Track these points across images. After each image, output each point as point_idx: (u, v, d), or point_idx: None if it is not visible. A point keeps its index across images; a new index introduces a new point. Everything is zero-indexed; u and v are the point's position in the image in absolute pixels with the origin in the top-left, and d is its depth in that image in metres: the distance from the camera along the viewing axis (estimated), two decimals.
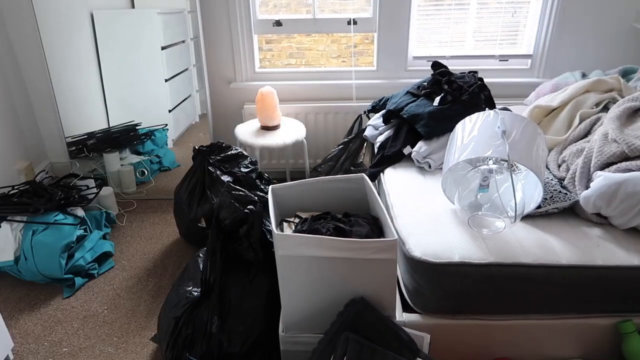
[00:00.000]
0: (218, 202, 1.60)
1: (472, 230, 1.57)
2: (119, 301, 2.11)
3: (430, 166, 1.97)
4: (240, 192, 1.62)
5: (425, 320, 1.55)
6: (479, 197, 1.65)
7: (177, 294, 1.73)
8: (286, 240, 1.38)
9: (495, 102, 2.16)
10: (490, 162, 1.62)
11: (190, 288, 1.72)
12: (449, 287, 1.48)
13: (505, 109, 2.05)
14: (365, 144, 2.41)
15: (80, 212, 2.40)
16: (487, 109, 2.00)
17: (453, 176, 1.72)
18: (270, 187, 1.66)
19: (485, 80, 2.17)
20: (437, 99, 2.05)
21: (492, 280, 1.46)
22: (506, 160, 1.50)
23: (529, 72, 2.84)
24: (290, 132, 2.57)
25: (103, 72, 3.08)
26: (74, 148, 3.00)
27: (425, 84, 2.21)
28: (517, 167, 1.65)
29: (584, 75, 2.36)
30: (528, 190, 1.61)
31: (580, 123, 1.91)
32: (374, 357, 1.28)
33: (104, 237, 2.44)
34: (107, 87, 3.11)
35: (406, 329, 1.40)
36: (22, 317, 2.03)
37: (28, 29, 2.69)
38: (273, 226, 1.44)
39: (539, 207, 1.60)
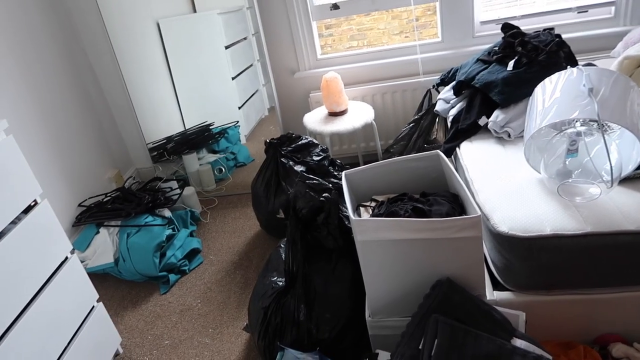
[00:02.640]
0: (293, 193, 1.61)
1: (563, 199, 1.46)
2: (210, 294, 2.21)
3: (509, 135, 1.85)
4: (315, 181, 1.62)
5: (518, 298, 1.48)
6: (567, 163, 1.53)
7: (263, 284, 1.78)
8: (364, 225, 1.36)
9: (577, 58, 1.99)
10: (578, 124, 1.50)
11: (275, 278, 1.76)
12: (541, 261, 1.39)
13: (589, 64, 1.88)
14: (437, 120, 2.32)
15: (167, 212, 2.54)
16: (568, 67, 1.84)
17: (536, 143, 1.61)
18: (344, 172, 1.64)
19: (564, 36, 2.00)
20: (511, 63, 1.92)
21: (589, 251, 1.36)
22: (596, 121, 1.37)
23: (613, 21, 2.58)
24: (359, 115, 2.53)
25: (174, 77, 3.21)
26: (155, 153, 3.17)
27: (496, 48, 2.08)
28: (609, 126, 1.51)
29: None
30: (624, 150, 1.46)
31: None
32: (467, 339, 1.24)
33: (190, 234, 2.56)
34: (179, 92, 3.24)
35: (499, 308, 1.34)
36: (126, 313, 2.19)
37: (102, 46, 2.87)
38: (350, 212, 1.42)
39: (638, 167, 1.46)
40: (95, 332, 1.79)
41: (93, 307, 1.82)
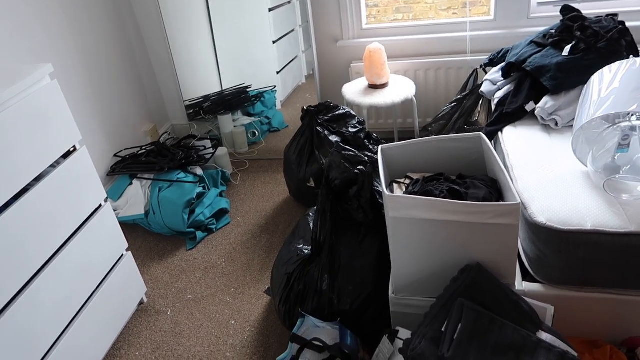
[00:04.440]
0: (328, 162, 1.59)
1: (608, 195, 1.40)
2: (235, 255, 2.24)
3: (557, 124, 1.78)
4: (350, 152, 1.59)
5: (549, 291, 1.44)
6: (616, 158, 1.46)
7: (288, 250, 1.79)
8: (397, 201, 1.34)
9: (639, 49, 1.88)
10: (634, 117, 1.41)
11: (301, 246, 1.76)
12: (577, 256, 1.35)
13: None
14: (481, 101, 2.24)
15: (199, 170, 2.56)
16: (631, 57, 1.74)
17: (586, 135, 1.53)
18: (380, 147, 1.61)
19: (628, 24, 1.88)
20: (567, 48, 1.82)
21: (630, 251, 1.30)
22: None
23: None
24: (399, 90, 2.47)
25: (215, 36, 3.19)
26: (191, 111, 3.19)
27: (553, 31, 1.98)
28: None
29: None
30: None
31: None
32: (492, 326, 1.22)
33: (220, 194, 2.59)
34: (219, 51, 3.23)
35: (527, 299, 1.31)
36: (152, 265, 2.25)
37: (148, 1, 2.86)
38: (383, 187, 1.40)
39: None
40: (122, 280, 1.84)
41: (122, 255, 1.87)
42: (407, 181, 1.63)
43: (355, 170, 1.56)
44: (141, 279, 1.98)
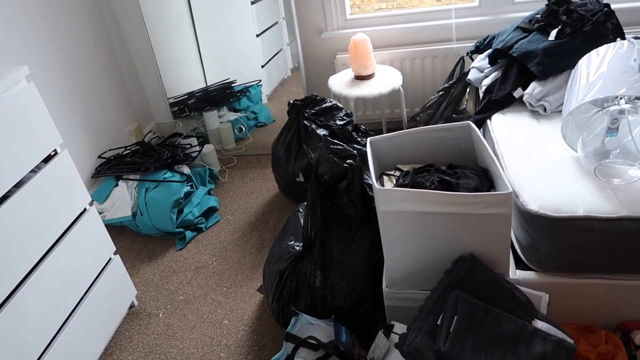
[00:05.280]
0: (316, 157, 1.57)
1: (599, 180, 1.39)
2: (226, 253, 2.21)
3: (545, 109, 1.76)
4: (339, 146, 1.57)
5: (542, 279, 1.43)
6: (606, 142, 1.45)
7: (280, 248, 1.76)
8: (388, 195, 1.32)
9: (624, 31, 1.86)
10: (622, 101, 1.40)
11: (292, 242, 1.74)
12: (570, 243, 1.34)
13: (638, 38, 1.76)
14: (468, 89, 2.22)
15: (185, 169, 2.52)
16: (617, 39, 1.73)
17: (575, 120, 1.52)
18: (369, 139, 1.59)
19: (613, 6, 1.87)
20: (554, 33, 1.81)
21: (622, 236, 1.30)
22: None
23: None
24: (386, 80, 2.44)
25: (197, 31, 3.14)
26: (176, 108, 3.13)
27: (539, 16, 1.96)
28: None
29: None
30: None
31: None
32: (487, 317, 1.21)
33: (208, 192, 2.55)
34: (202, 47, 3.17)
35: (521, 288, 1.30)
36: (142, 267, 2.21)
37: None
38: (373, 180, 1.38)
39: None
40: (111, 284, 1.81)
41: (110, 259, 1.83)
42: (397, 173, 1.61)
43: (345, 165, 1.53)
44: (131, 282, 1.95)
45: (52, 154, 1.58)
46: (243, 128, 3.14)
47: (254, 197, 2.58)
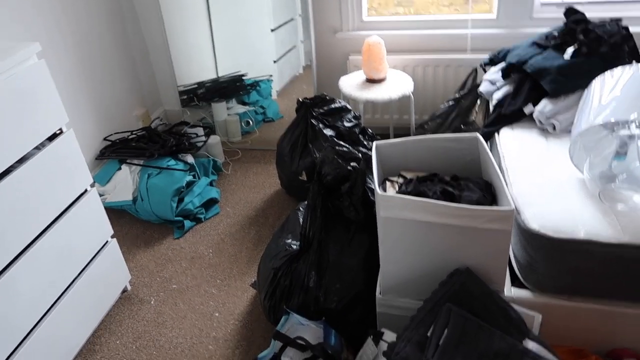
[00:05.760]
0: (321, 157, 1.56)
1: (603, 204, 1.37)
2: (223, 246, 2.21)
3: (554, 128, 1.75)
4: (344, 148, 1.56)
5: (537, 299, 1.42)
6: (613, 166, 1.43)
7: (276, 245, 1.76)
8: (389, 201, 1.31)
9: None
10: (633, 125, 1.39)
11: (290, 241, 1.73)
12: (568, 265, 1.33)
13: None
14: (478, 101, 2.21)
15: (189, 158, 2.51)
16: (634, 62, 1.71)
17: (583, 141, 1.51)
18: (375, 143, 1.58)
19: (632, 29, 1.85)
20: (569, 51, 1.79)
21: (622, 262, 1.28)
22: None
23: None
24: (397, 85, 2.43)
25: (213, 23, 3.13)
26: (185, 97, 3.13)
27: (556, 33, 1.94)
28: None
29: None
30: None
31: None
32: (479, 333, 1.20)
33: (210, 183, 2.55)
34: (216, 38, 3.17)
35: (515, 307, 1.28)
36: (138, 252, 2.21)
37: None
38: (375, 185, 1.37)
39: None
40: (106, 267, 1.81)
41: (107, 242, 1.83)
42: (400, 180, 1.60)
43: (349, 167, 1.52)
44: (125, 266, 1.95)
45: (58, 132, 1.58)
46: (250, 122, 3.14)
47: (256, 192, 2.57)
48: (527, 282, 1.44)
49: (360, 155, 1.57)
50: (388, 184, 1.56)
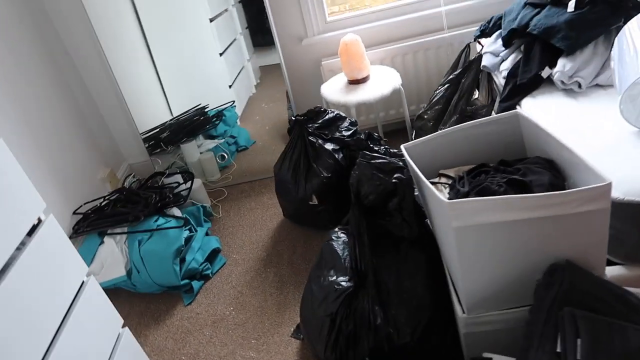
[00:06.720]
0: (356, 177, 1.35)
1: None
2: (243, 299, 1.95)
3: (580, 86, 1.62)
4: (382, 160, 1.35)
5: (632, 272, 1.28)
6: None
7: (320, 287, 1.52)
8: (461, 208, 1.12)
9: None
10: None
11: (335, 278, 1.50)
12: None
13: None
14: (480, 77, 2.06)
15: (176, 211, 2.23)
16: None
17: (627, 92, 1.38)
18: (403, 146, 1.39)
19: None
20: (572, 4, 1.68)
21: None
22: None
23: None
24: (383, 81, 2.25)
25: (155, 59, 2.88)
26: (147, 145, 2.83)
27: None
28: None
29: None
30: None
31: None
32: (611, 332, 1.02)
33: (206, 233, 2.27)
34: (162, 73, 2.92)
35: (630, 289, 1.12)
36: (149, 332, 1.91)
37: (80, 27, 2.48)
38: (435, 192, 1.17)
39: None
40: None
41: (119, 335, 1.53)
42: (443, 180, 1.42)
43: (393, 180, 1.32)
44: (145, 355, 1.65)
45: (36, 223, 1.28)
46: (225, 155, 2.88)
47: (258, 229, 2.32)
48: (617, 257, 1.29)
49: (401, 163, 1.37)
50: (433, 188, 1.38)
